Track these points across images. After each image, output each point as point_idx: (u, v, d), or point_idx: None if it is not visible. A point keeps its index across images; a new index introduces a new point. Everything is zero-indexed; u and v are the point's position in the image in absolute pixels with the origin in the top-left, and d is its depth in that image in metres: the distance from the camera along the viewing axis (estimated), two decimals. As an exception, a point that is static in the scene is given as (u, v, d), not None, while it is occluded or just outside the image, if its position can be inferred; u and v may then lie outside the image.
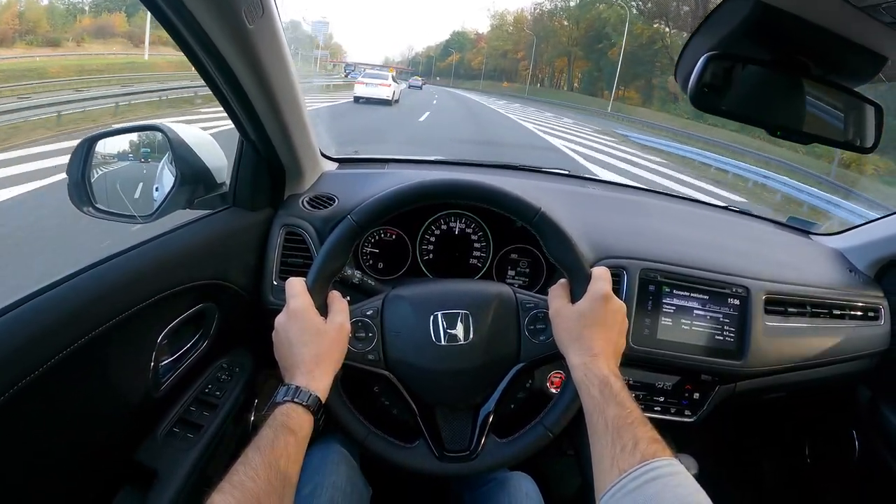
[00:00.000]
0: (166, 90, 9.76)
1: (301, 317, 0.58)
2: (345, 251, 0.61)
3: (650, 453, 0.46)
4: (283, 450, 0.48)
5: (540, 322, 0.64)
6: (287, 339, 0.58)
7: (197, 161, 0.80)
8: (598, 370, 0.55)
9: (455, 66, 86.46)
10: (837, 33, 0.57)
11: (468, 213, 0.86)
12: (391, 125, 10.51)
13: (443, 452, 0.63)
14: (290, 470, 0.49)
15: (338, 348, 0.59)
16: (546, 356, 0.63)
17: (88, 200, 0.80)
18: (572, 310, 0.60)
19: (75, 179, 0.79)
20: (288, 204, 0.85)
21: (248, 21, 0.55)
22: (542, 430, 0.62)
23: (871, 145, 0.68)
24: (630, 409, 0.51)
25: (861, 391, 1.02)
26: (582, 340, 0.58)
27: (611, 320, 0.59)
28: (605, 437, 0.50)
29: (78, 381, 0.56)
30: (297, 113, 0.75)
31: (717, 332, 0.83)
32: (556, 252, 0.62)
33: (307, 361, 0.56)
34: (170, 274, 0.67)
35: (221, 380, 0.79)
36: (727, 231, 1.06)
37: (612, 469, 0.47)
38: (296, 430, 0.51)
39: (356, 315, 0.63)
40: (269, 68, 0.63)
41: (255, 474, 0.45)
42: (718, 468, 1.26)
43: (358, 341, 0.62)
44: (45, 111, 6.36)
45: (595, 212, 0.96)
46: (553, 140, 10.76)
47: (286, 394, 0.53)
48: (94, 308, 0.56)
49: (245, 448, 0.48)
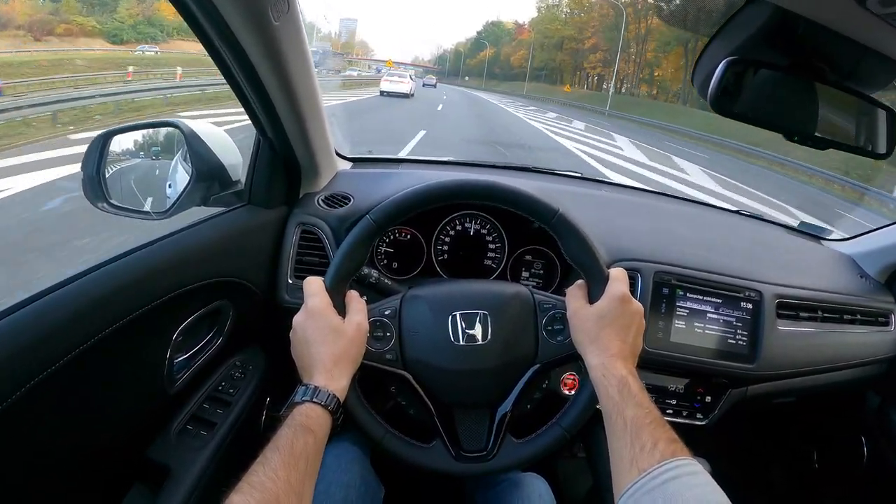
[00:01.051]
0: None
1: (319, 316, 0.57)
2: (363, 250, 0.61)
3: (669, 453, 0.46)
4: (302, 450, 0.48)
5: (557, 323, 0.64)
6: (305, 339, 0.57)
7: (212, 158, 0.80)
8: (616, 370, 0.55)
9: (488, 62, 69.53)
10: (855, 40, 0.57)
11: (483, 213, 0.86)
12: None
13: (460, 452, 0.62)
14: (310, 470, 0.48)
15: (356, 348, 0.58)
16: (563, 357, 0.63)
17: (103, 196, 0.79)
18: (590, 310, 0.60)
19: (90, 174, 0.79)
20: (303, 202, 0.85)
21: (273, 18, 0.55)
22: (559, 430, 0.61)
23: (884, 151, 0.68)
24: (648, 410, 0.52)
25: (870, 397, 1.02)
26: (600, 341, 0.58)
27: (629, 321, 0.59)
28: (624, 437, 0.50)
29: (93, 377, 0.56)
30: (315, 111, 0.75)
31: (730, 336, 0.83)
32: (574, 253, 0.62)
33: (325, 361, 0.56)
34: (185, 271, 0.67)
35: (235, 377, 0.79)
36: (739, 235, 1.06)
37: (632, 469, 0.47)
38: (315, 430, 0.50)
39: (374, 314, 0.63)
40: (292, 66, 0.63)
41: (274, 475, 0.44)
42: (729, 472, 1.25)
43: (376, 341, 0.62)
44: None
45: (609, 214, 0.96)
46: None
47: (305, 394, 0.53)
48: (110, 304, 0.56)
49: (261, 447, 0.48)
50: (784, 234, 1.14)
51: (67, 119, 5.96)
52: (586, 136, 12.27)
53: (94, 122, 6.17)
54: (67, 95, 7.10)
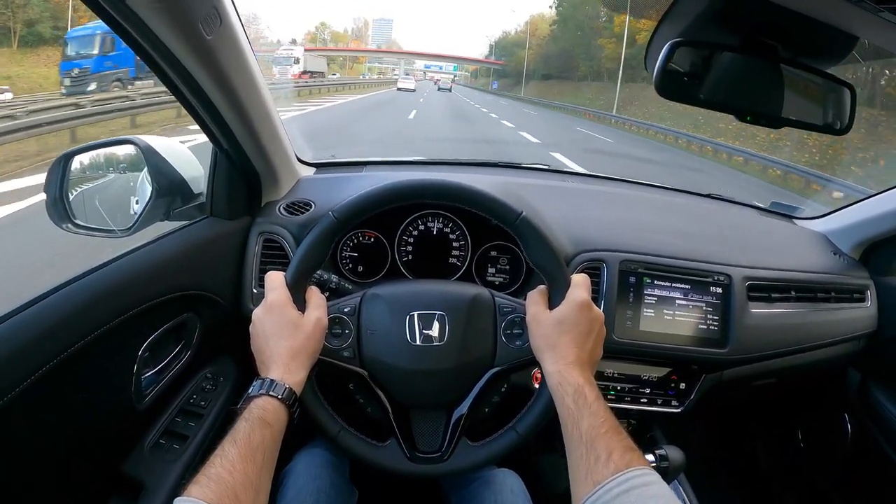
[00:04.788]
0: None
1: (278, 310, 0.56)
2: (325, 247, 0.60)
3: (624, 464, 0.45)
4: (259, 443, 0.47)
5: (517, 327, 0.62)
6: (263, 332, 0.57)
7: (172, 172, 0.79)
8: (572, 379, 0.53)
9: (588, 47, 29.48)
10: (803, 13, 0.54)
11: (446, 212, 0.84)
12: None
13: (414, 453, 0.61)
14: (267, 463, 0.48)
15: (314, 343, 0.57)
16: (521, 362, 0.61)
17: (67, 217, 0.79)
18: (550, 316, 0.58)
19: (53, 197, 0.78)
20: (265, 211, 0.83)
21: (205, 32, 0.54)
22: (514, 435, 0.60)
23: (844, 127, 0.66)
24: (604, 419, 0.50)
25: (851, 374, 1.00)
26: (558, 348, 0.56)
27: (588, 329, 0.57)
28: (579, 448, 0.49)
29: (58, 397, 0.55)
30: (267, 120, 0.73)
31: (701, 322, 0.81)
32: (535, 257, 0.60)
33: (283, 355, 0.55)
34: (147, 286, 0.66)
35: (206, 389, 0.78)
36: (709, 219, 1.03)
37: (587, 481, 0.46)
38: (272, 423, 0.50)
39: (333, 311, 0.62)
40: (233, 78, 0.62)
41: (231, 467, 0.44)
42: (712, 456, 1.24)
43: (334, 337, 0.61)
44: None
45: (574, 205, 0.93)
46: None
47: (261, 387, 0.52)
48: (72, 324, 0.55)
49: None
50: (755, 215, 1.11)
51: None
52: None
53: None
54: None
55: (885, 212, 0.91)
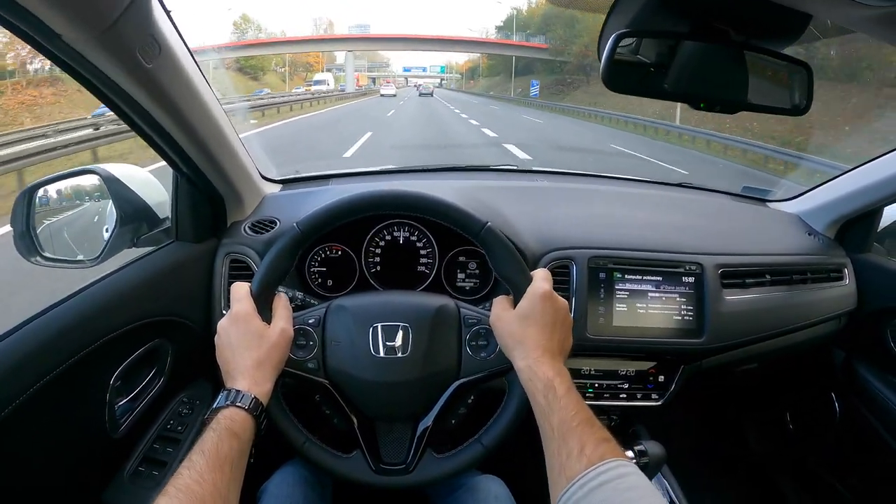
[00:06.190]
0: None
1: (244, 321, 0.56)
2: (290, 258, 0.60)
3: (597, 457, 0.44)
4: (227, 454, 0.46)
5: (482, 338, 0.61)
6: (229, 343, 0.56)
7: (136, 199, 0.78)
8: (542, 373, 0.52)
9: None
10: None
11: (411, 221, 0.82)
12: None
13: (379, 465, 0.61)
14: (235, 474, 0.47)
15: (279, 353, 0.57)
16: (487, 374, 0.60)
17: (35, 250, 0.78)
18: (513, 313, 0.57)
19: (20, 231, 0.77)
20: (231, 232, 0.82)
21: (145, 61, 0.53)
22: (479, 447, 0.59)
23: (804, 107, 0.64)
24: (575, 412, 0.48)
25: (836, 353, 0.98)
26: (525, 342, 0.55)
27: (552, 318, 0.56)
28: (552, 443, 0.47)
29: (32, 429, 0.55)
30: (223, 142, 0.72)
31: (675, 313, 0.79)
32: (500, 267, 0.59)
33: (249, 366, 0.54)
34: (115, 315, 0.65)
35: (183, 414, 0.77)
36: (679, 208, 1.01)
37: (561, 477, 0.44)
38: (239, 433, 0.49)
39: (298, 322, 0.61)
40: (180, 103, 0.61)
41: (200, 478, 0.43)
42: (699, 446, 1.22)
43: (299, 349, 0.60)
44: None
45: (542, 204, 0.91)
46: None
47: (228, 398, 0.52)
48: (39, 358, 0.55)
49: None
50: (727, 201, 1.08)
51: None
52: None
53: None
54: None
55: (857, 189, 0.89)
